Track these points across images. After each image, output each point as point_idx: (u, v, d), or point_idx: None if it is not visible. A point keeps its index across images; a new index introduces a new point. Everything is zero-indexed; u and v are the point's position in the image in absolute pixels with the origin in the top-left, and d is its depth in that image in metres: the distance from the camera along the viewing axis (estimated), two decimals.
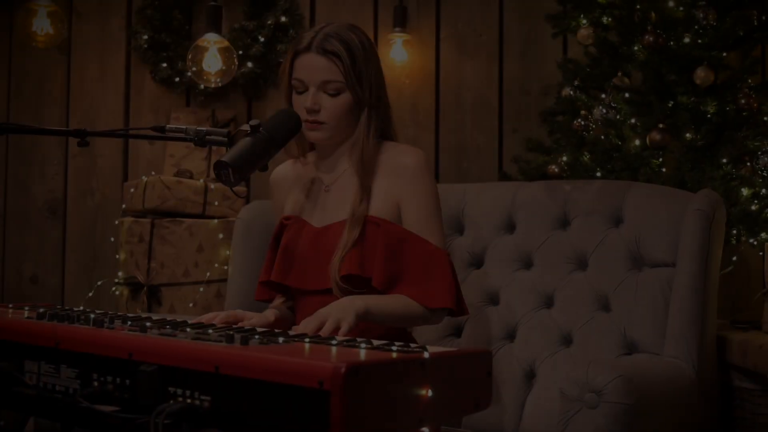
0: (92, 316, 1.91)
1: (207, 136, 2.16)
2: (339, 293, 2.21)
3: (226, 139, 2.15)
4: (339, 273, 2.21)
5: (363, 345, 1.60)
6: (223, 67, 4.22)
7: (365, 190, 2.28)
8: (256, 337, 1.65)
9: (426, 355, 1.48)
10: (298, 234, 2.34)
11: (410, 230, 2.27)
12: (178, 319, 2.11)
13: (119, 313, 2.18)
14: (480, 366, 1.62)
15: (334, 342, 1.65)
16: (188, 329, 1.81)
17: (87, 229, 4.75)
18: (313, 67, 2.25)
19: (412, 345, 1.64)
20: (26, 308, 2.17)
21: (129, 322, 1.89)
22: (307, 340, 1.68)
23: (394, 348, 1.55)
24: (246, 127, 2.13)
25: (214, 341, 1.59)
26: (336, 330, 1.99)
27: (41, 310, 2.05)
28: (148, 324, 1.81)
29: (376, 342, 1.70)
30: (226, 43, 4.25)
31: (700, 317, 2.50)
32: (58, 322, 1.85)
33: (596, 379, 2.11)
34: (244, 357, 1.43)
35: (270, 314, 2.31)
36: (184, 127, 2.17)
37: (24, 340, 1.79)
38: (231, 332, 1.66)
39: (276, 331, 1.87)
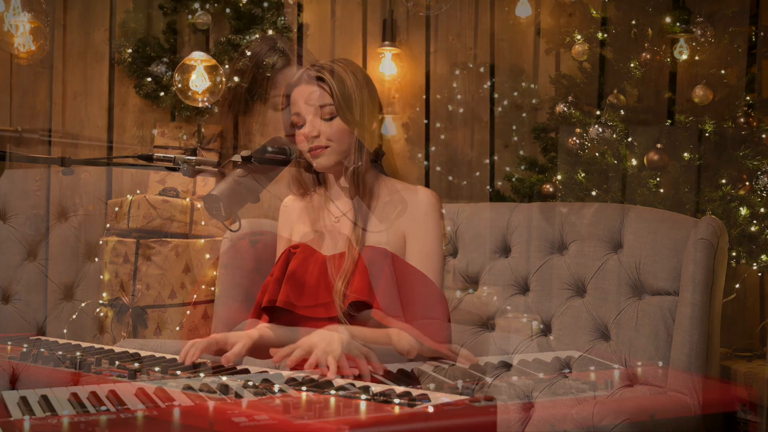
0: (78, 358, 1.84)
1: (196, 166, 2.09)
2: (344, 319, 2.21)
3: (216, 170, 2.08)
4: (346, 299, 2.21)
5: (362, 396, 1.53)
6: (210, 86, 4.14)
7: (360, 209, 2.30)
8: (251, 384, 1.59)
9: (430, 408, 1.42)
10: (306, 261, 2.33)
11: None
12: (168, 356, 2.04)
13: (106, 348, 2.11)
14: (485, 415, 1.56)
15: (332, 391, 1.59)
16: (179, 372, 1.75)
17: (70, 246, 4.65)
18: (305, 96, 2.29)
19: (414, 393, 1.57)
20: (9, 343, 2.11)
21: (117, 363, 1.83)
22: (304, 388, 1.61)
23: (396, 401, 1.48)
24: (237, 158, 2.06)
25: (207, 392, 1.52)
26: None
27: (25, 347, 1.98)
28: (136, 366, 1.75)
29: (375, 388, 1.63)
30: (213, 62, 4.16)
31: (705, 350, 2.44)
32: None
33: (602, 423, 2.05)
34: (241, 415, 1.36)
35: (254, 333, 2.27)
36: (172, 156, 2.11)
37: None
38: (225, 381, 1.59)
39: (271, 372, 1.82)
